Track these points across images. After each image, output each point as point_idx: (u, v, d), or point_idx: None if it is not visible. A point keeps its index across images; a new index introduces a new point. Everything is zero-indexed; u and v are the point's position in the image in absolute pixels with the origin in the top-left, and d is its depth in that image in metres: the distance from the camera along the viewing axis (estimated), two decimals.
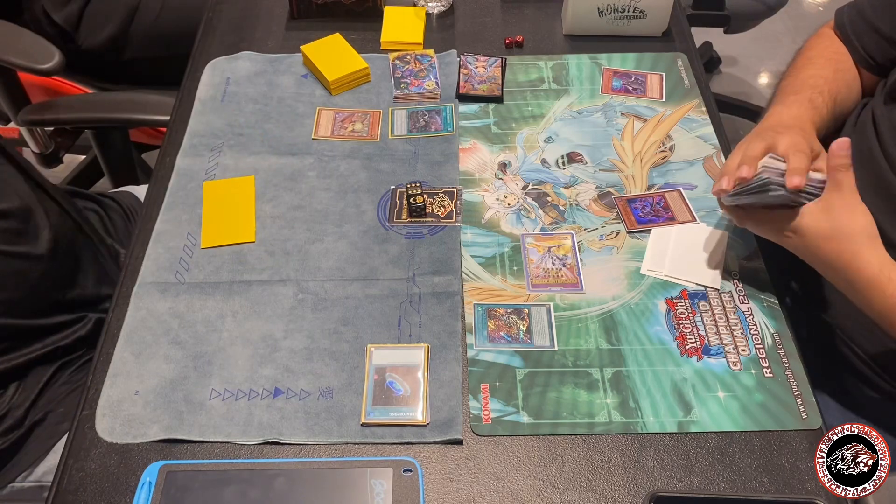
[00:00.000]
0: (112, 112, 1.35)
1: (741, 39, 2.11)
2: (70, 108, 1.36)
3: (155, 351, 0.83)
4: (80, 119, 1.35)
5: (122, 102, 1.37)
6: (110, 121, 1.36)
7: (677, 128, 1.08)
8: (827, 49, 1.00)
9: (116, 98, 1.43)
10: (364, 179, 1.01)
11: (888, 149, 0.88)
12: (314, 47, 1.16)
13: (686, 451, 0.76)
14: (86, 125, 1.40)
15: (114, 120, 1.35)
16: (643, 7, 1.18)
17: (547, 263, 0.91)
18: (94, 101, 1.42)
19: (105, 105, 1.38)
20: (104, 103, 1.39)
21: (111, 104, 1.38)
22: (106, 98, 1.46)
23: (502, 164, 1.03)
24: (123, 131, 1.48)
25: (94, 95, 1.50)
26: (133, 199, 1.28)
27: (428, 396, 0.79)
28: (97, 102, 1.41)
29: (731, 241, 0.94)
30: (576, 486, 0.74)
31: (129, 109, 1.33)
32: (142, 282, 0.90)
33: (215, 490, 0.72)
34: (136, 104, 1.33)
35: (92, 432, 0.77)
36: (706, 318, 0.86)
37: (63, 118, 1.35)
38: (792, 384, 0.81)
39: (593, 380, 0.81)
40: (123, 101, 1.38)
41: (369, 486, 0.72)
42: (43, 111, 1.34)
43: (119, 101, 1.38)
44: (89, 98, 1.46)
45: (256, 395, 0.80)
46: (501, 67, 1.13)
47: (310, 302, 0.88)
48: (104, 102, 1.40)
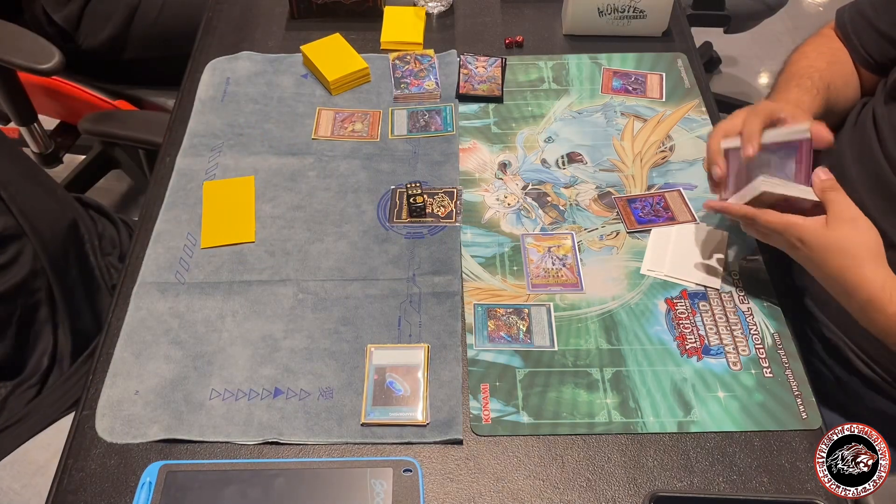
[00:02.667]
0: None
1: (741, 39, 2.11)
2: (124, 125, 1.35)
3: (155, 351, 0.83)
4: (133, 138, 1.34)
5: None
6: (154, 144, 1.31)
7: (677, 128, 1.08)
8: (822, 45, 1.00)
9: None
10: (364, 179, 1.01)
11: (888, 149, 0.88)
12: (314, 47, 1.16)
13: (686, 451, 0.76)
14: (137, 144, 1.37)
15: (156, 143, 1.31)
16: (643, 7, 1.18)
17: (547, 263, 0.91)
18: (147, 121, 1.40)
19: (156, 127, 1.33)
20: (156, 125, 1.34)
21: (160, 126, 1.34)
22: (157, 118, 1.41)
23: (502, 164, 1.03)
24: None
25: (148, 114, 1.46)
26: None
27: (428, 396, 0.79)
28: (150, 122, 1.38)
29: (731, 241, 0.94)
30: (576, 486, 0.74)
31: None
32: (142, 282, 0.90)
33: (215, 490, 0.72)
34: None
35: (92, 432, 0.77)
36: (706, 318, 0.86)
37: (118, 133, 1.34)
38: (792, 384, 0.81)
39: (593, 380, 0.81)
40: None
41: (369, 486, 0.72)
42: (99, 123, 1.34)
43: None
44: (143, 116, 1.44)
45: (256, 395, 0.80)
46: (501, 67, 1.13)
47: (310, 302, 0.88)
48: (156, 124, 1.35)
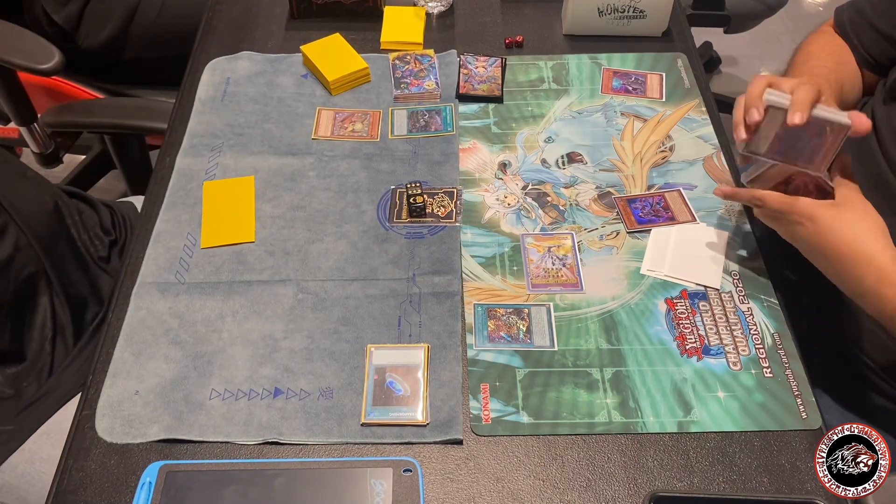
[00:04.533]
0: (126, 119, 1.34)
1: (741, 39, 2.11)
2: (88, 112, 1.36)
3: (155, 351, 0.83)
4: (96, 124, 1.35)
5: (136, 109, 1.37)
6: (124, 127, 1.35)
7: (677, 128, 1.08)
8: (827, 44, 1.00)
9: (132, 104, 1.42)
10: (364, 179, 1.01)
11: (888, 148, 0.88)
12: (314, 47, 1.16)
13: (686, 451, 0.76)
14: (101, 130, 1.39)
15: (127, 126, 1.35)
16: (643, 7, 1.18)
17: (547, 263, 0.91)
18: (110, 107, 1.41)
19: (120, 111, 1.37)
20: (119, 109, 1.38)
21: (126, 111, 1.37)
22: (120, 104, 1.44)
23: (502, 164, 1.03)
24: (140, 138, 1.47)
25: (110, 100, 1.48)
26: (132, 209, 1.25)
27: (428, 396, 0.79)
28: (113, 108, 1.40)
29: (731, 241, 0.94)
30: (576, 486, 0.74)
31: (144, 117, 1.33)
32: (142, 282, 0.90)
33: (215, 490, 0.72)
34: (151, 112, 1.33)
35: (92, 432, 0.77)
36: (706, 318, 0.86)
37: (80, 122, 1.35)
38: (792, 384, 0.81)
39: (593, 380, 0.81)
40: (138, 107, 1.38)
41: (369, 486, 0.72)
42: (62, 114, 1.34)
43: (134, 108, 1.38)
44: (106, 103, 1.45)
45: (256, 395, 0.80)
46: (501, 67, 1.13)
47: (310, 302, 0.88)
48: (120, 108, 1.39)
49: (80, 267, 1.05)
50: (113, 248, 1.12)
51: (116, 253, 1.12)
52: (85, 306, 1.04)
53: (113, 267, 1.09)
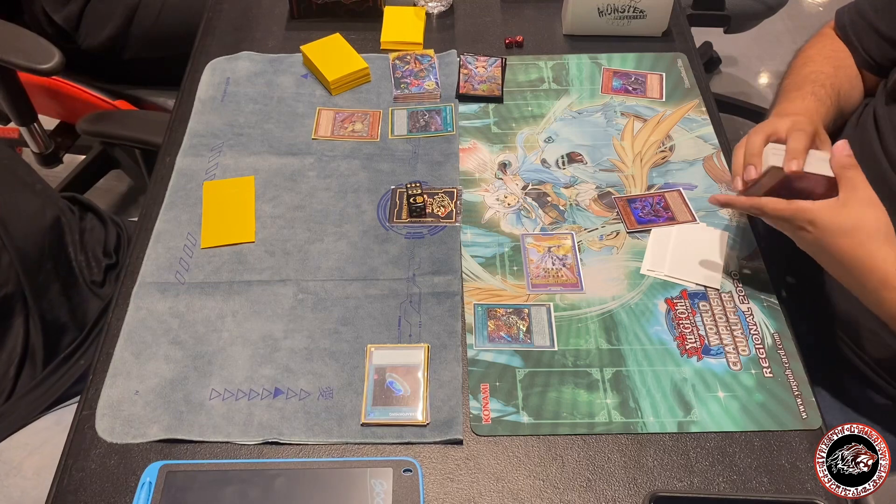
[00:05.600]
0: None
1: (741, 39, 2.11)
2: (121, 125, 1.35)
3: (155, 351, 0.83)
4: (135, 139, 1.33)
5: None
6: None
7: (677, 128, 1.08)
8: (826, 47, 1.00)
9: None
10: (364, 179, 1.01)
11: (889, 149, 0.88)
12: (314, 47, 1.16)
13: (686, 451, 0.76)
14: (137, 145, 1.36)
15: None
16: (643, 7, 1.18)
17: (547, 263, 0.91)
18: (146, 122, 1.38)
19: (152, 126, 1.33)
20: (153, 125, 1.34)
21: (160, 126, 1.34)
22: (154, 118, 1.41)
23: (502, 164, 1.03)
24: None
25: (143, 114, 1.45)
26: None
27: (428, 396, 0.79)
28: (149, 123, 1.37)
29: (731, 241, 0.94)
30: (576, 486, 0.74)
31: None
32: (142, 282, 0.90)
33: (215, 490, 0.72)
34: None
35: (92, 432, 0.77)
36: (706, 318, 0.86)
37: (116, 133, 1.34)
38: (792, 384, 0.81)
39: (593, 380, 0.81)
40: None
41: (369, 486, 0.72)
42: (98, 123, 1.33)
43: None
44: (139, 115, 1.43)
45: (256, 395, 0.80)
46: (501, 67, 1.13)
47: (310, 302, 0.88)
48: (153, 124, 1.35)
49: (65, 290, 1.01)
50: (109, 273, 1.08)
51: (112, 278, 1.08)
52: (62, 332, 0.99)
53: (105, 293, 1.05)
